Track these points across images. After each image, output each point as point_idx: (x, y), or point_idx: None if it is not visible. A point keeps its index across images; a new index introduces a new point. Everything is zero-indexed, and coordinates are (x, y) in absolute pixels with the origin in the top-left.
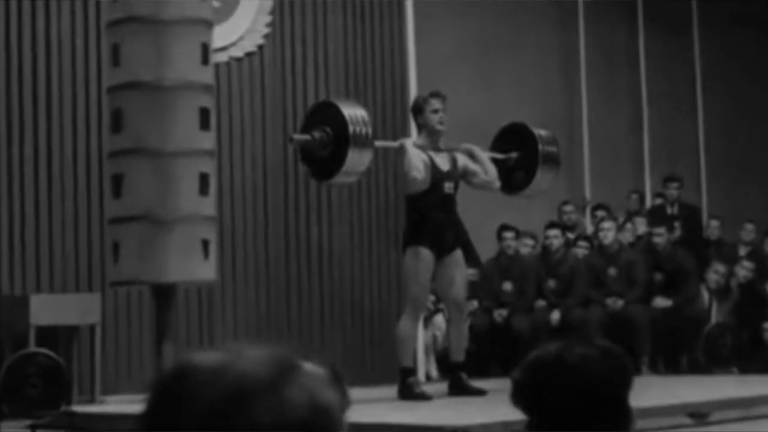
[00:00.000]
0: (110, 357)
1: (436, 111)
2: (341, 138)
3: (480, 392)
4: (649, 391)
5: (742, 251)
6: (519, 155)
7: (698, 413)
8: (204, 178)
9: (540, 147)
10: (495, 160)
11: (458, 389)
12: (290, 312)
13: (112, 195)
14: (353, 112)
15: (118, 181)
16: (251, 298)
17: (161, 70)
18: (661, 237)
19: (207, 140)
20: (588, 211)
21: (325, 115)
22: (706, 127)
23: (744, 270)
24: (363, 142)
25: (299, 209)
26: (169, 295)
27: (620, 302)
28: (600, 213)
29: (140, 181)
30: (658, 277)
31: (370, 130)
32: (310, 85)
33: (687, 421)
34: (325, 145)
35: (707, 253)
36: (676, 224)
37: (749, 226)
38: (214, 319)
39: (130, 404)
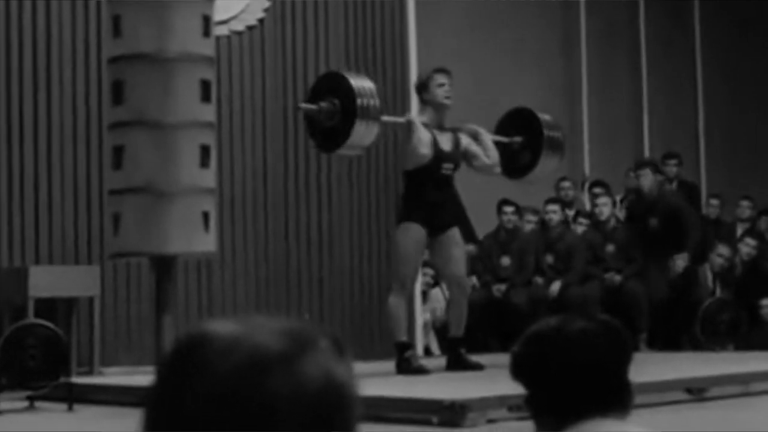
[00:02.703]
0: (109, 329)
1: (441, 85)
2: (348, 109)
3: (478, 367)
4: (647, 367)
5: (740, 229)
6: (523, 139)
7: (695, 388)
8: (205, 151)
9: (545, 132)
10: (499, 144)
11: (457, 364)
12: (289, 285)
13: (113, 167)
14: (361, 84)
15: (118, 152)
16: (251, 271)
17: (162, 42)
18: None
19: (208, 112)
20: (586, 187)
21: (333, 85)
22: (706, 105)
23: (747, 247)
24: (370, 114)
25: (299, 183)
26: (169, 267)
27: (618, 278)
28: (597, 189)
29: (141, 153)
30: None
31: (378, 103)
32: (311, 60)
33: (684, 396)
34: (332, 116)
35: (706, 232)
36: None
37: (745, 203)
38: (213, 292)
39: (129, 376)
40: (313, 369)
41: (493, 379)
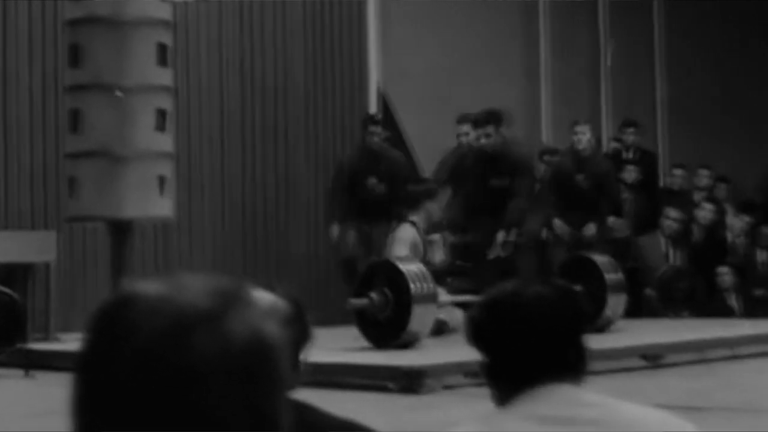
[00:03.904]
0: (66, 294)
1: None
2: (402, 298)
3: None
4: (604, 334)
5: (697, 197)
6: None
7: (651, 355)
8: (161, 114)
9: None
10: None
11: None
12: (246, 251)
13: (70, 130)
14: (411, 269)
15: (75, 116)
16: (208, 237)
17: (119, 5)
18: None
19: (165, 76)
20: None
21: (380, 273)
22: (664, 73)
23: (704, 211)
24: (426, 299)
25: (256, 148)
26: (125, 232)
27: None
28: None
29: (97, 117)
30: None
31: (432, 285)
32: (268, 25)
33: (641, 363)
34: (384, 308)
35: (658, 202)
36: (631, 167)
37: (704, 172)
38: (170, 256)
39: None
40: (239, 327)
41: (450, 346)
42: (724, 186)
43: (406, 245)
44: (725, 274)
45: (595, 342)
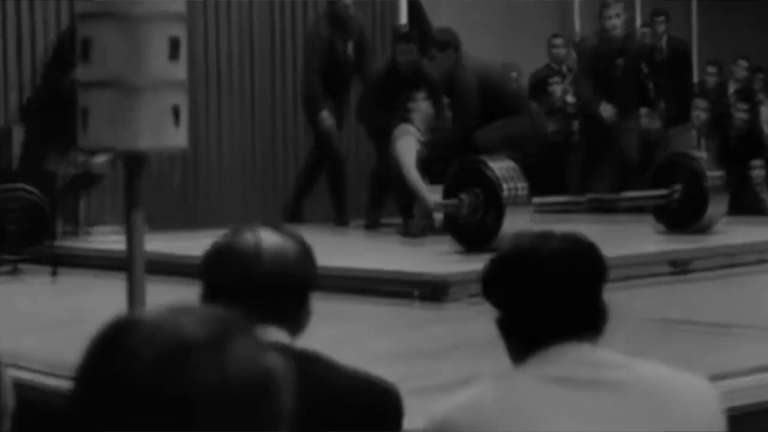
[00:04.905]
0: (94, 191)
1: None
2: (493, 200)
3: None
4: (628, 238)
5: (732, 88)
6: None
7: (680, 260)
8: (174, 43)
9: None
10: None
11: None
12: (276, 180)
13: (81, 59)
14: (502, 166)
15: (86, 45)
16: (226, 164)
17: None
18: None
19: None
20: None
21: (470, 173)
22: None
23: (739, 111)
24: (519, 201)
25: (275, 72)
26: (139, 163)
27: None
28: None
29: (109, 46)
30: None
31: (525, 185)
32: None
33: (668, 269)
34: (475, 210)
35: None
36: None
37: (742, 63)
38: (188, 185)
39: (113, 237)
40: (238, 357)
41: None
42: (762, 77)
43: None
44: (758, 168)
45: (619, 248)
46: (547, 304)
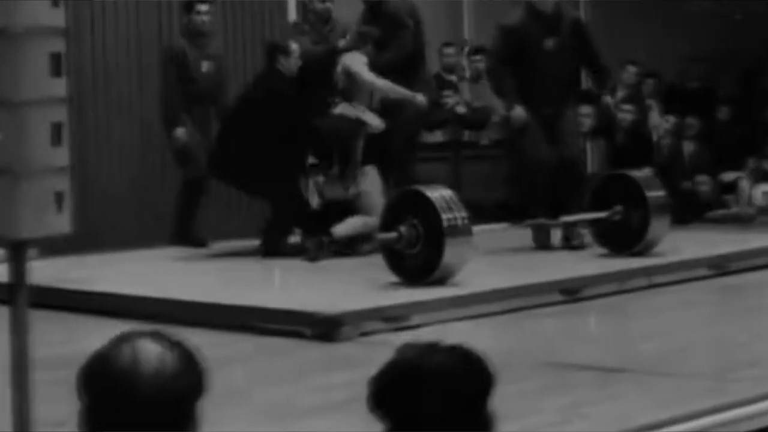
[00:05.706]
0: None
1: None
2: (433, 231)
3: None
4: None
5: (620, 93)
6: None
7: (570, 289)
8: (56, 128)
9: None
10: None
11: None
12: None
13: None
14: (440, 195)
15: None
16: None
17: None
18: None
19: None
20: (466, 53)
21: (409, 204)
22: None
23: (624, 113)
24: (459, 231)
25: None
26: (21, 250)
27: None
28: (478, 57)
29: None
30: None
31: (465, 215)
32: None
33: (559, 297)
34: (414, 243)
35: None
36: None
37: (631, 69)
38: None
39: None
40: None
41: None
42: (652, 82)
43: None
44: (704, 184)
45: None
46: (435, 415)
